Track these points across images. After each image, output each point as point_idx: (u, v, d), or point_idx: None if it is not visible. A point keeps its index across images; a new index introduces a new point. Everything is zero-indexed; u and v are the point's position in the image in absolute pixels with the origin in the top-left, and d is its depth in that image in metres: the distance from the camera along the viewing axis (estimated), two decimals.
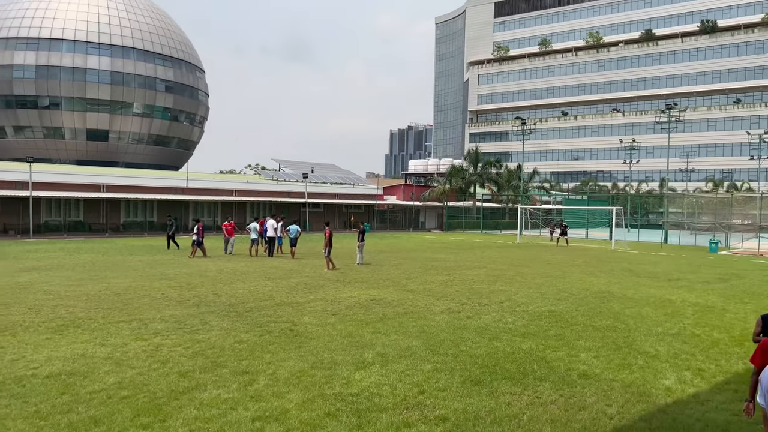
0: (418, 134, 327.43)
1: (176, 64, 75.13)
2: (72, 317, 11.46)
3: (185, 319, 11.54)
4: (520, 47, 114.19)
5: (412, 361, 8.69)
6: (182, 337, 9.93)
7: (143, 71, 70.62)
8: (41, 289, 15.07)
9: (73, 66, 66.51)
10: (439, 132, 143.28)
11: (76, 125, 68.15)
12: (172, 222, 30.06)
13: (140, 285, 16.12)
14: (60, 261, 22.38)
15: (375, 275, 19.35)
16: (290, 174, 60.12)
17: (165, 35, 75.06)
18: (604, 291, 16.64)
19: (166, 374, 7.79)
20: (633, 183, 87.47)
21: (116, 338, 9.78)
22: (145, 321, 11.24)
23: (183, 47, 77.93)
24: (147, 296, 14.23)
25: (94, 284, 16.10)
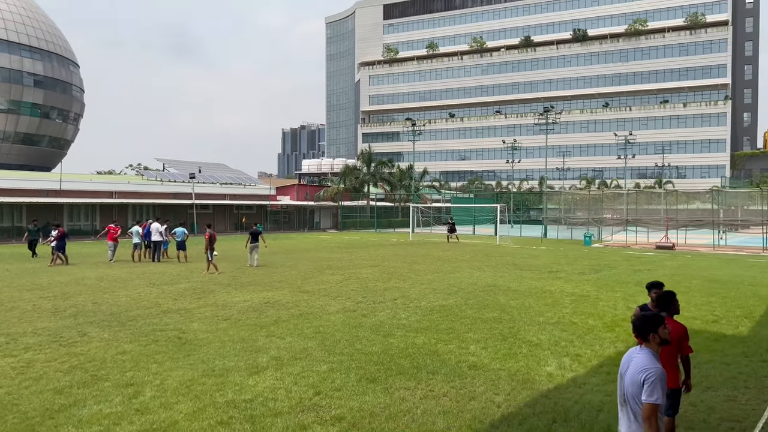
0: (311, 133, 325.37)
1: (46, 57, 69.39)
2: None
3: (61, 331, 10.70)
4: (409, 49, 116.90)
5: (308, 362, 8.63)
6: (57, 351, 9.20)
7: (7, 63, 64.54)
8: None
9: None
10: (332, 131, 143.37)
11: None
12: (36, 228, 27.80)
13: (8, 296, 14.73)
14: None
15: (269, 277, 19.01)
16: (176, 174, 57.53)
17: (33, 25, 69.07)
18: (491, 284, 17.45)
19: (39, 392, 7.18)
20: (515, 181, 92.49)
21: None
22: (14, 335, 10.30)
23: (54, 39, 72.12)
24: (16, 308, 13.03)
25: None
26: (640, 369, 3.94)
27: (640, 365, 3.97)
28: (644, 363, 3.97)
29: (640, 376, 3.90)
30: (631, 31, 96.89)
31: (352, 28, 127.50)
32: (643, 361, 3.99)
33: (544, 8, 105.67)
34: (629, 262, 25.51)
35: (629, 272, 21.12)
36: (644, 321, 4.14)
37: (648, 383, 3.86)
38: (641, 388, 3.88)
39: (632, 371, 3.97)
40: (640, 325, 4.13)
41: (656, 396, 3.83)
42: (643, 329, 4.11)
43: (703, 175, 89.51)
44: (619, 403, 4.16)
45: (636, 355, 4.07)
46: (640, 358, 4.02)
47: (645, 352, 4.05)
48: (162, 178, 55.55)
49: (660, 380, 3.88)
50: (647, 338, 4.09)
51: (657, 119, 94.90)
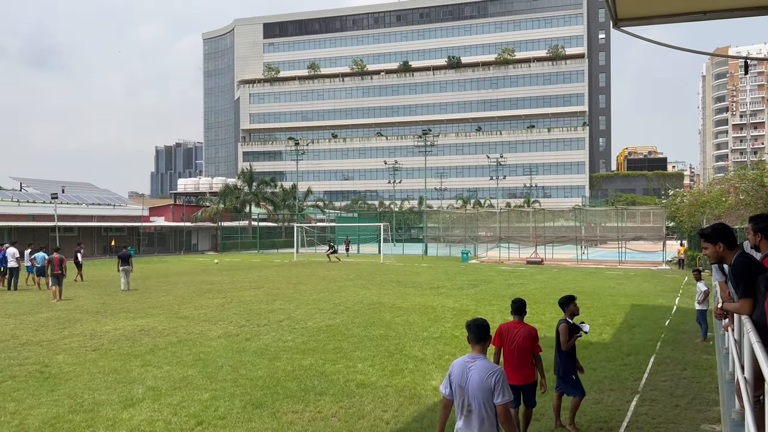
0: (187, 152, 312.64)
1: None
2: None
3: None
4: (290, 69, 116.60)
5: (188, 391, 8.20)
6: None
7: None
8: None
9: None
10: (211, 150, 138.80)
11: None
12: None
13: None
14: None
15: (142, 303, 17.88)
16: (35, 194, 52.70)
17: None
18: (376, 302, 17.65)
19: None
20: (397, 201, 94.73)
21: None
22: None
23: None
24: None
25: None
26: (488, 373, 4.15)
27: (485, 370, 4.17)
28: (489, 367, 4.21)
29: (489, 380, 4.12)
30: (500, 60, 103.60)
31: (231, 45, 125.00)
32: (487, 365, 4.23)
33: (421, 35, 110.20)
34: (503, 276, 26.95)
35: (504, 286, 22.31)
36: (483, 326, 4.43)
37: (498, 385, 4.11)
38: (492, 392, 4.10)
39: (479, 378, 4.15)
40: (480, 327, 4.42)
41: (508, 395, 4.13)
42: (480, 334, 4.39)
43: (566, 195, 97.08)
44: (462, 414, 4.26)
45: (474, 362, 4.26)
46: (482, 364, 4.23)
47: (482, 357, 4.30)
48: (19, 199, 50.63)
49: (506, 379, 4.20)
50: (481, 342, 4.38)
51: (525, 143, 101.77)
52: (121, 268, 21.43)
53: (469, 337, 4.44)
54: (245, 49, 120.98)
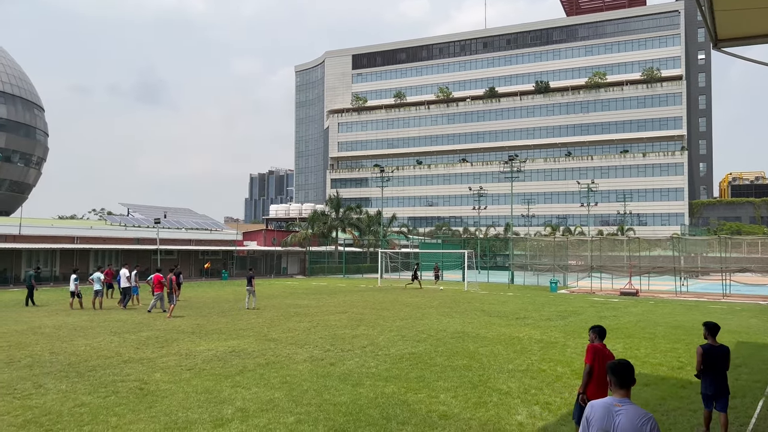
0: (279, 179, 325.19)
1: (10, 100, 68.45)
2: None
3: (15, 382, 10.23)
4: (377, 98, 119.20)
5: (275, 414, 8.41)
6: (11, 404, 8.77)
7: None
8: None
9: None
10: (301, 177, 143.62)
11: None
12: (34, 273, 26.79)
13: None
14: None
15: (234, 324, 18.61)
16: (140, 219, 56.54)
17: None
18: (460, 331, 17.41)
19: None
20: (482, 227, 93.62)
21: None
22: None
23: (19, 82, 71.36)
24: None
25: None
26: (642, 420, 3.80)
27: (638, 416, 3.82)
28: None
29: (644, 428, 3.77)
30: (591, 83, 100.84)
31: (322, 76, 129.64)
32: (639, 412, 3.85)
33: (508, 61, 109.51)
34: (595, 308, 25.82)
35: (595, 318, 21.35)
36: (630, 369, 4.04)
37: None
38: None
39: (630, 425, 3.79)
40: (628, 371, 4.03)
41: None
42: (628, 378, 4.01)
43: (663, 223, 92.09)
44: None
45: (622, 406, 3.90)
46: (632, 410, 3.87)
47: (629, 402, 3.94)
48: (126, 224, 54.51)
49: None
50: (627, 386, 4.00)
51: (618, 168, 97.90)
52: (247, 288, 24.16)
53: (613, 381, 4.03)
54: (334, 80, 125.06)
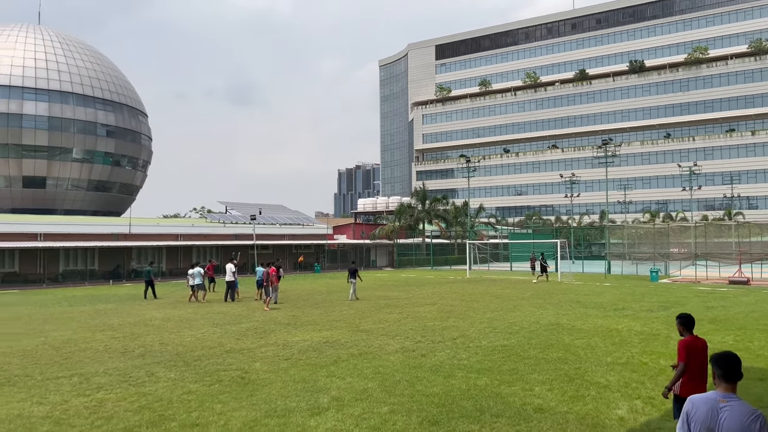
0: (365, 173, 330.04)
1: (117, 108, 73.66)
2: (7, 375, 10.80)
3: (130, 371, 11.04)
4: (461, 87, 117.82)
5: (369, 403, 8.55)
6: (127, 391, 9.48)
7: (83, 116, 68.84)
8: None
9: (8, 112, 64.20)
10: (387, 170, 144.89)
11: (11, 173, 65.40)
12: (151, 268, 29.01)
13: (81, 337, 15.37)
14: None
15: (327, 316, 19.11)
16: (237, 216, 59.23)
17: (106, 79, 73.69)
18: (554, 323, 16.94)
19: (110, 431, 7.40)
20: (575, 216, 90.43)
21: (55, 395, 9.25)
22: (87, 375, 10.69)
23: (125, 91, 76.62)
24: (89, 349, 13.57)
25: (31, 339, 15.26)
26: (750, 418, 3.54)
27: (746, 414, 3.56)
28: (749, 410, 3.58)
29: (753, 426, 3.51)
30: (691, 59, 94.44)
31: (405, 69, 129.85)
32: (747, 409, 3.59)
33: (599, 41, 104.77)
34: (700, 298, 24.29)
35: (701, 309, 20.07)
36: (738, 361, 3.75)
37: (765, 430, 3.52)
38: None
39: (738, 422, 3.54)
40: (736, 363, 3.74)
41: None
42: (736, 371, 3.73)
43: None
44: None
45: (728, 402, 3.65)
46: (739, 406, 3.61)
47: (736, 397, 3.67)
48: (224, 220, 57.29)
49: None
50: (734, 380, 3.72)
51: (723, 149, 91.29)
52: (350, 280, 24.90)
53: (718, 374, 3.75)
54: (418, 72, 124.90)
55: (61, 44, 72.21)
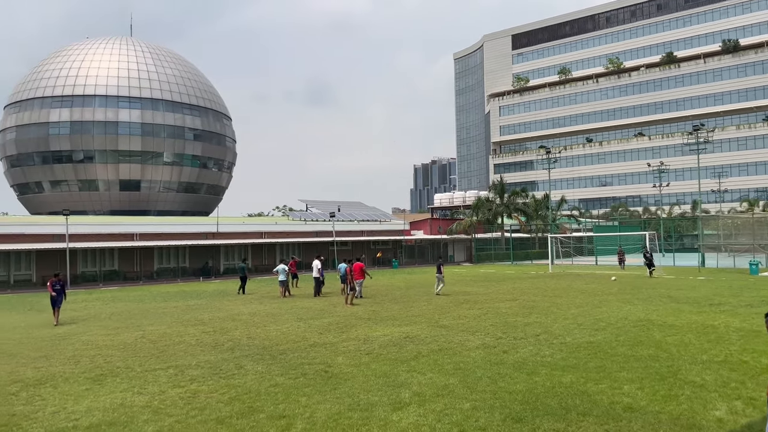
0: (441, 168, 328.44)
1: (203, 113, 77.18)
2: (110, 366, 11.59)
3: (220, 364, 11.56)
4: (539, 77, 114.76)
5: (450, 399, 8.53)
6: (218, 383, 9.94)
7: (172, 121, 72.67)
8: (80, 339, 15.30)
9: (106, 120, 68.81)
10: (463, 164, 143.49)
11: (110, 177, 70.11)
12: (244, 265, 30.45)
13: (175, 331, 16.25)
14: (97, 310, 22.75)
15: (406, 312, 19.20)
16: (317, 214, 60.62)
17: (192, 86, 77.38)
18: (643, 319, 16.21)
19: (203, 421, 7.78)
20: (664, 206, 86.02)
21: (154, 386, 9.84)
22: (182, 367, 11.30)
23: (209, 96, 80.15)
24: (182, 342, 14.32)
25: (131, 332, 16.29)
26: None
27: None
28: None
29: None
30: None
31: (480, 61, 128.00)
32: None
33: (687, 21, 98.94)
34: None
35: None
36: None
37: None
38: None
39: None
40: None
41: None
42: None
43: None
44: None
45: None
46: None
47: None
48: (305, 218, 58.80)
49: None
50: None
51: None
52: (437, 275, 25.20)
53: None
54: (494, 63, 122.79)
55: (151, 54, 76.48)
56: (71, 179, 70.01)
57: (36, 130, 68.82)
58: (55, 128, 68.37)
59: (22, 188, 73.87)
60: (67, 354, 13.10)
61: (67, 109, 68.51)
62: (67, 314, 20.81)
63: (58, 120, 68.32)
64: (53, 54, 75.56)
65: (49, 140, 68.37)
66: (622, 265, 41.37)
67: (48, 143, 68.50)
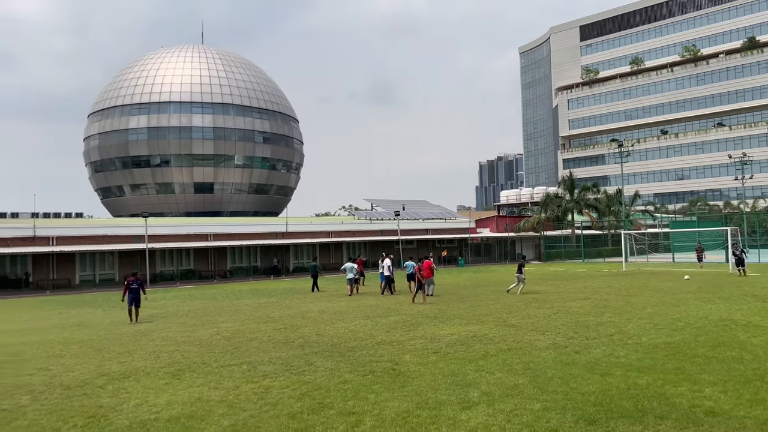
0: (508, 164, 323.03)
1: (272, 116, 79.22)
2: (187, 362, 12.10)
3: (291, 360, 11.85)
4: (610, 68, 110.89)
5: (520, 399, 8.39)
6: (290, 379, 10.19)
7: (242, 125, 75.05)
8: (159, 335, 16.06)
9: (180, 125, 71.89)
10: (530, 160, 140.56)
11: (185, 180, 73.16)
12: (317, 264, 31.40)
13: (248, 328, 16.78)
14: (174, 308, 23.81)
15: (473, 310, 19.03)
16: (382, 213, 60.98)
17: (260, 90, 79.60)
18: (725, 319, 15.39)
19: (276, 416, 7.99)
20: (747, 200, 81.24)
21: (228, 381, 10.20)
22: (254, 363, 11.65)
23: (277, 100, 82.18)
24: (255, 339, 14.77)
25: (206, 329, 16.95)
26: None
27: None
28: None
29: None
30: None
31: (547, 54, 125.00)
32: None
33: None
34: None
35: None
36: None
37: None
38: None
39: None
40: None
41: None
42: None
43: None
44: None
45: None
46: None
47: None
48: (371, 217, 59.29)
49: None
50: None
51: None
52: (517, 275, 24.68)
53: None
54: (561, 56, 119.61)
55: (222, 60, 79.24)
56: (149, 183, 73.54)
57: (116, 137, 72.72)
58: (134, 134, 72.01)
59: (105, 192, 78.24)
60: (148, 349, 13.78)
61: (144, 115, 72.02)
62: (147, 311, 21.87)
63: (137, 126, 71.91)
64: (131, 64, 79.65)
65: (129, 146, 72.07)
66: (701, 262, 39.42)
67: (128, 149, 72.21)
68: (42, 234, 40.51)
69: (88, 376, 11.07)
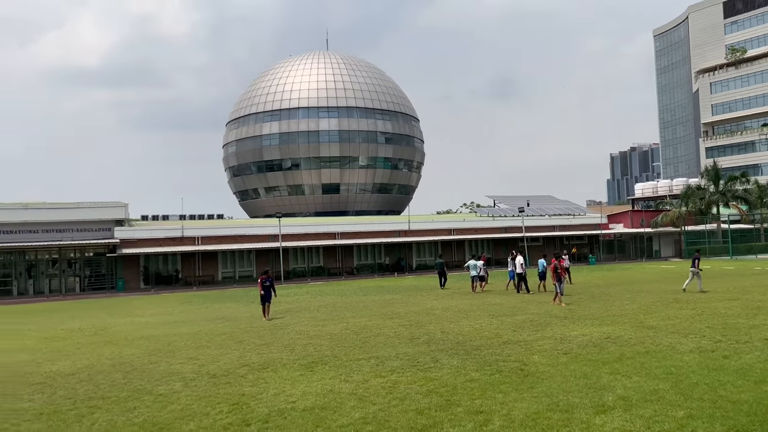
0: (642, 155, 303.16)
1: (393, 116, 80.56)
2: (320, 355, 12.67)
3: (417, 356, 12.00)
4: (760, 46, 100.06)
5: (661, 406, 7.86)
6: (416, 375, 10.32)
7: (366, 127, 77.09)
8: (294, 329, 16.97)
9: (308, 130, 75.35)
10: (668, 150, 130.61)
11: (313, 182, 76.57)
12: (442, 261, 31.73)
13: (375, 324, 17.23)
14: (306, 303, 25.03)
15: (606, 310, 18.09)
16: (505, 209, 59.73)
17: (382, 92, 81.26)
18: None
19: (404, 411, 8.14)
20: None
21: (358, 375, 10.55)
22: (382, 358, 11.94)
23: (398, 100, 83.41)
24: (382, 334, 15.13)
25: (336, 324, 17.64)
26: None
27: None
28: None
29: None
30: None
31: (685, 35, 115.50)
32: None
33: None
34: None
35: None
36: None
37: None
38: None
39: None
40: None
41: None
42: None
43: None
44: None
45: None
46: None
47: None
48: (493, 214, 58.34)
49: None
50: None
51: None
52: (691, 269, 23.03)
53: None
54: (702, 36, 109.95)
55: (345, 64, 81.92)
56: (281, 185, 77.80)
57: (251, 143, 77.73)
58: (267, 140, 76.57)
59: (242, 195, 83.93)
60: (284, 342, 14.61)
61: (276, 122, 76.32)
62: (281, 306, 23.18)
63: (269, 132, 76.36)
64: (263, 73, 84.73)
65: (263, 151, 76.73)
66: None
67: (262, 154, 76.93)
68: (189, 234, 44.38)
69: (232, 366, 11.95)
